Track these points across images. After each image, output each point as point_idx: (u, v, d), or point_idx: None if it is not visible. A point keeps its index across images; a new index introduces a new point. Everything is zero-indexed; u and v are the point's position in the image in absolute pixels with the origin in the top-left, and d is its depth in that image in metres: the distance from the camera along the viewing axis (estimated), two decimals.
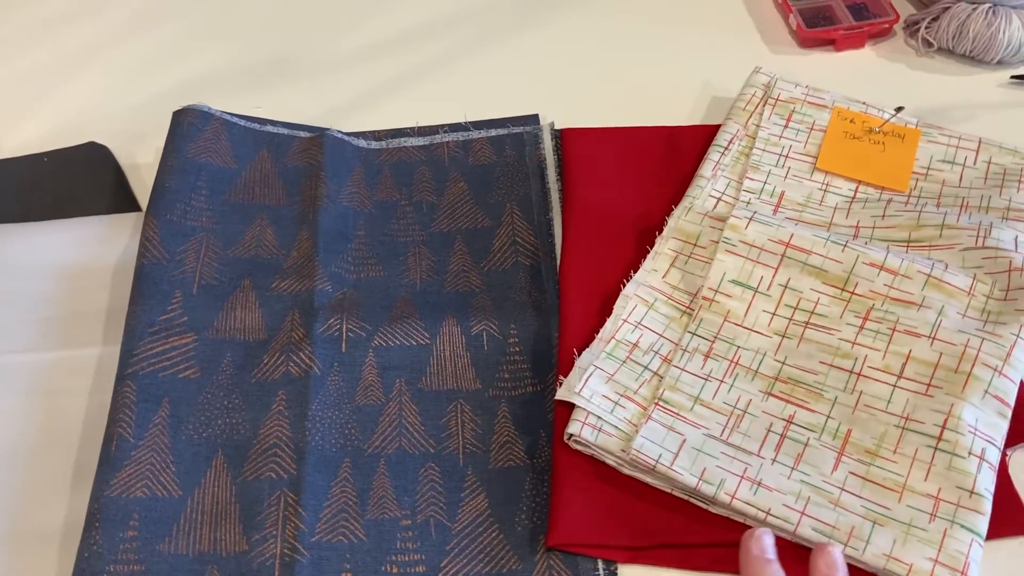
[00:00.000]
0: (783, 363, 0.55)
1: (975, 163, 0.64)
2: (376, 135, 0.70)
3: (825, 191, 0.64)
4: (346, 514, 0.51)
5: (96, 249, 0.61)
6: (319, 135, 0.68)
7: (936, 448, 0.51)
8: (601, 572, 0.50)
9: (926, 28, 0.72)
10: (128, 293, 0.58)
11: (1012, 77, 0.71)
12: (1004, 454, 0.52)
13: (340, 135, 0.68)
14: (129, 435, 0.52)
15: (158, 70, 0.76)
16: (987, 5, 0.70)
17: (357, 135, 0.70)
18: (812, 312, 0.56)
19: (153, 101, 0.73)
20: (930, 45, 0.73)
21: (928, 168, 0.64)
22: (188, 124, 0.66)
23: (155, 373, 0.54)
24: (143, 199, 0.66)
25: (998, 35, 0.70)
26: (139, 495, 0.50)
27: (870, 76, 0.73)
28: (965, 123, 0.68)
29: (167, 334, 0.56)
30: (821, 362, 0.55)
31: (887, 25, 0.74)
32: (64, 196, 0.66)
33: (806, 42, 0.75)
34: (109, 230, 0.63)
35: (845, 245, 0.57)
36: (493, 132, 0.70)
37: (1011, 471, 0.52)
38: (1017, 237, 0.57)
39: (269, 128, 0.69)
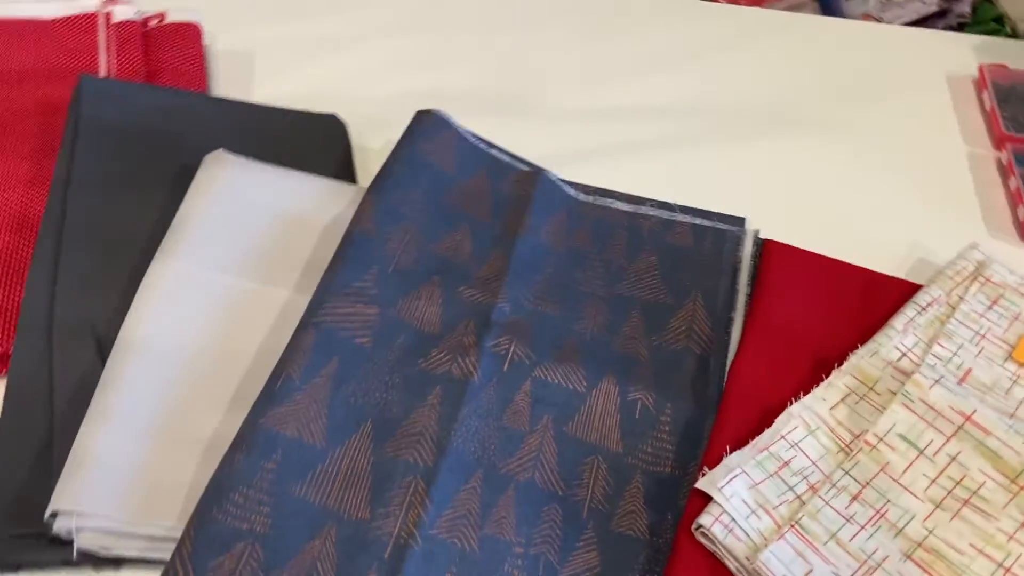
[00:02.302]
0: (931, 532, 0.54)
1: None
2: (586, 189, 0.73)
3: (1015, 383, 0.62)
4: (466, 521, 0.52)
5: (314, 205, 0.65)
6: (536, 172, 0.71)
7: None
8: None
9: None
10: (330, 254, 0.61)
11: None
12: None
13: (555, 178, 0.71)
14: (296, 377, 0.54)
15: (409, 71, 0.82)
16: None
17: (569, 183, 0.72)
18: (975, 493, 0.55)
19: (397, 97, 0.78)
20: None
21: None
22: (428, 125, 0.70)
23: (335, 330, 0.57)
24: (362, 180, 0.70)
25: None
26: (288, 433, 0.52)
27: None
28: None
29: (355, 299, 0.59)
30: (971, 544, 0.53)
31: None
32: (295, 153, 0.70)
33: None
34: (329, 192, 0.67)
35: None
36: (697, 220, 0.71)
37: None
38: None
39: (494, 152, 0.72)
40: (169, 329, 0.56)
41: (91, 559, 0.50)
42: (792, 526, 0.53)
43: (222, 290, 0.59)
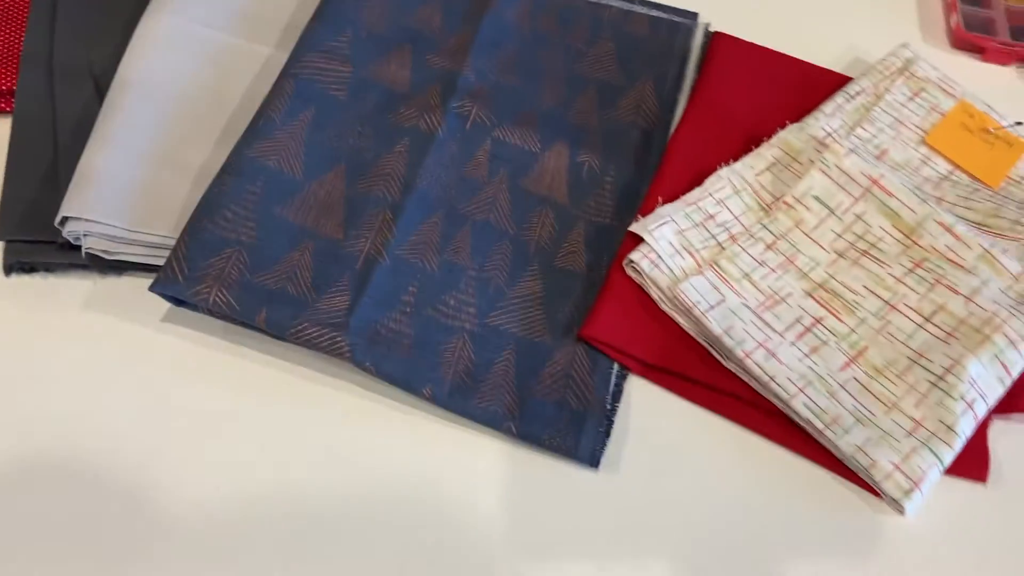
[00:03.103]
0: (831, 276, 0.62)
1: None
2: None
3: (924, 163, 0.69)
4: (427, 247, 0.59)
5: None
6: None
7: (935, 385, 0.57)
8: (615, 373, 0.58)
9: None
10: (308, 17, 0.66)
11: None
12: (989, 417, 0.58)
13: None
14: (276, 118, 0.60)
15: None
16: None
17: None
18: (873, 245, 0.63)
19: None
20: None
21: (1023, 178, 0.69)
22: None
23: (313, 82, 0.63)
24: None
25: None
26: (270, 164, 0.59)
27: (1004, 91, 0.77)
28: None
29: (331, 57, 0.64)
30: (864, 286, 0.61)
31: None
32: None
33: (959, 43, 0.80)
34: None
35: (924, 201, 0.63)
36: (655, 13, 0.76)
37: (993, 434, 0.58)
38: None
39: None
40: (163, 73, 0.62)
41: (97, 263, 0.56)
42: (711, 265, 0.61)
43: (211, 44, 0.64)
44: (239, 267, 0.55)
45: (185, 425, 0.53)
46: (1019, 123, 0.72)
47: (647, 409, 0.57)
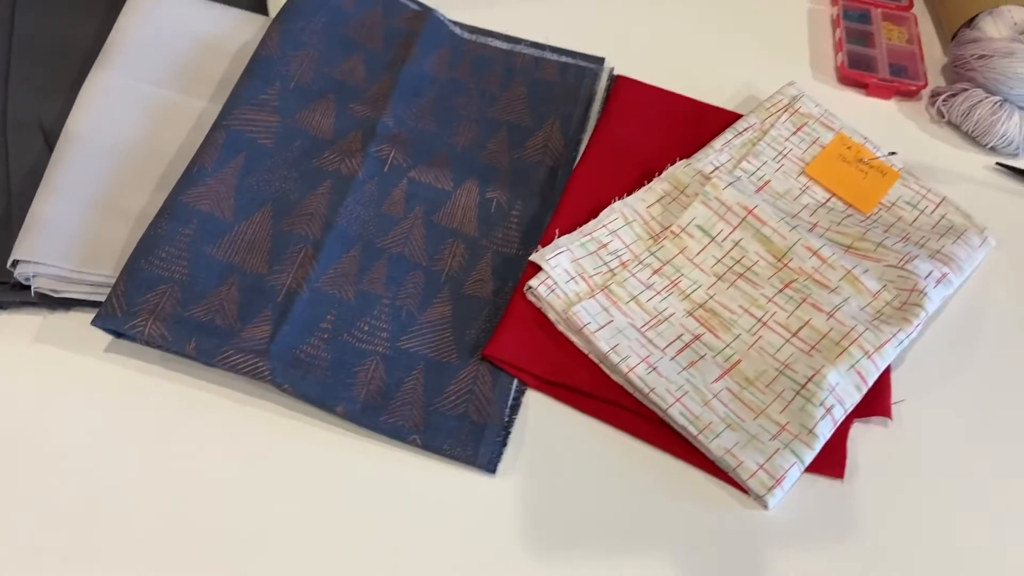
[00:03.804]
0: (711, 297, 0.69)
1: (932, 213, 0.76)
2: (470, 29, 0.84)
3: (803, 191, 0.77)
4: (345, 278, 0.66)
5: (229, 32, 0.77)
6: (427, 11, 0.83)
7: (798, 393, 0.64)
8: (514, 388, 0.64)
9: (943, 101, 0.84)
10: (239, 72, 0.73)
11: (997, 163, 0.83)
12: (850, 419, 0.65)
13: (442, 18, 0.83)
14: (208, 166, 0.67)
15: None
16: (999, 98, 0.82)
17: (455, 23, 0.84)
18: (749, 269, 0.70)
19: None
20: (942, 116, 0.85)
21: (893, 204, 0.77)
22: None
23: (242, 132, 0.70)
24: (274, 13, 0.81)
25: (997, 124, 0.82)
26: (202, 208, 0.66)
27: (884, 123, 0.85)
28: (942, 185, 0.80)
29: (260, 109, 0.71)
30: (740, 306, 0.68)
31: (914, 88, 0.86)
32: None
33: (844, 79, 0.87)
34: (243, 22, 0.78)
35: (794, 227, 0.70)
36: (563, 59, 0.84)
37: (852, 435, 0.65)
38: (932, 272, 0.69)
39: None
40: (106, 126, 0.69)
41: (46, 301, 0.63)
42: (603, 289, 0.68)
43: (150, 98, 0.71)
44: (172, 302, 0.61)
45: (127, 445, 0.60)
46: (893, 153, 0.80)
47: (543, 420, 0.64)
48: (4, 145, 0.68)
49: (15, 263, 0.62)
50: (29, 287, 0.62)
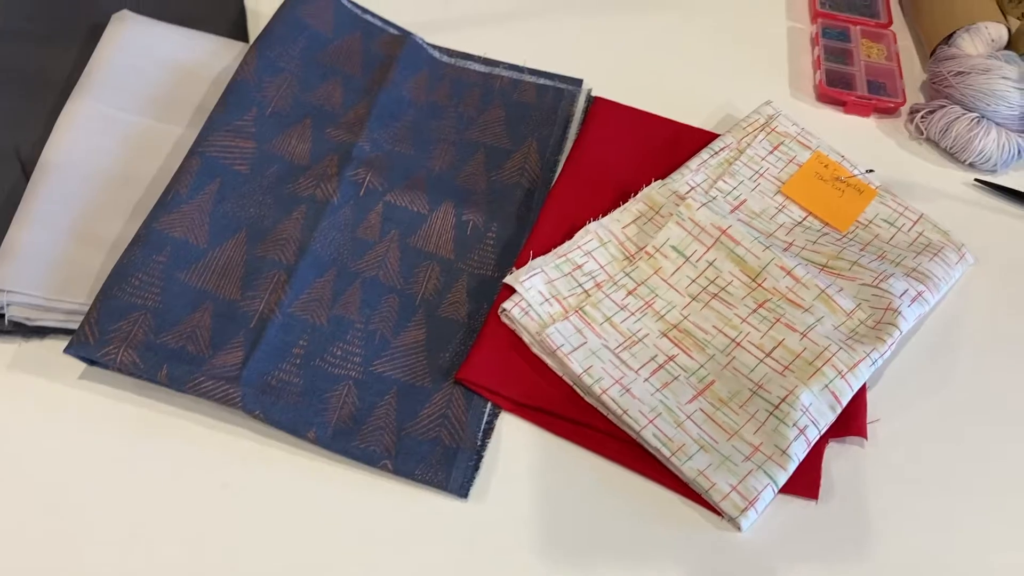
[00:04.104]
0: (685, 318, 0.69)
1: (909, 230, 0.76)
2: (449, 52, 0.85)
3: (780, 210, 0.77)
4: (318, 304, 0.66)
5: (207, 58, 0.77)
6: (405, 36, 0.83)
7: (772, 414, 0.64)
8: (487, 412, 0.64)
9: (921, 118, 0.85)
10: (217, 98, 0.74)
11: (976, 180, 0.83)
12: (825, 440, 0.65)
13: (421, 42, 0.83)
14: (183, 193, 0.68)
15: None
16: (976, 115, 0.82)
17: (434, 46, 0.85)
18: (723, 289, 0.70)
19: None
20: (920, 133, 0.85)
21: (870, 221, 0.77)
22: None
23: (218, 159, 0.70)
24: (253, 36, 0.82)
25: (975, 141, 0.82)
26: (176, 235, 0.66)
27: (862, 140, 0.85)
28: (921, 203, 0.80)
29: (236, 135, 0.72)
30: (714, 326, 0.68)
31: (892, 106, 0.86)
32: (193, 14, 0.82)
33: (822, 97, 0.88)
34: (221, 48, 0.79)
35: (768, 247, 0.70)
36: (541, 81, 0.84)
37: (827, 455, 0.65)
38: (907, 290, 0.69)
39: (368, 17, 0.84)
40: (81, 155, 0.69)
41: (21, 329, 0.63)
42: (577, 311, 0.68)
43: (126, 126, 0.72)
44: (144, 329, 0.62)
45: (98, 468, 0.60)
46: (870, 171, 0.80)
47: (516, 442, 0.64)
48: None
49: None
50: (3, 315, 0.62)
